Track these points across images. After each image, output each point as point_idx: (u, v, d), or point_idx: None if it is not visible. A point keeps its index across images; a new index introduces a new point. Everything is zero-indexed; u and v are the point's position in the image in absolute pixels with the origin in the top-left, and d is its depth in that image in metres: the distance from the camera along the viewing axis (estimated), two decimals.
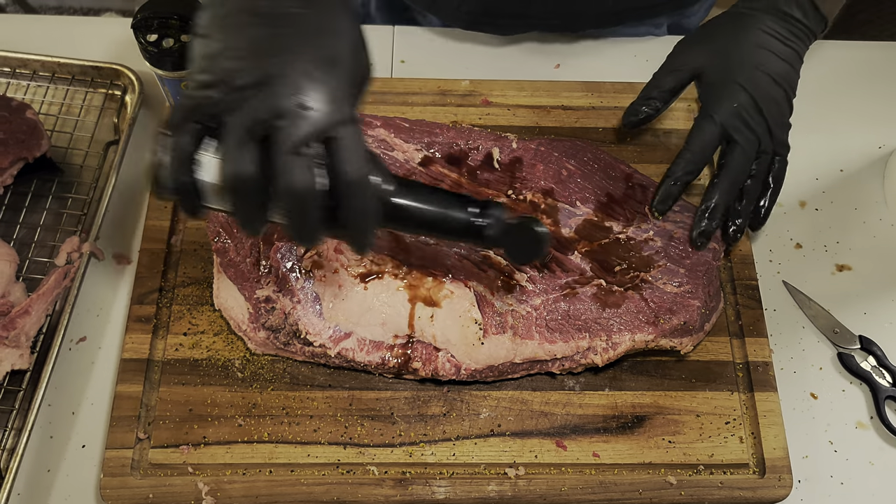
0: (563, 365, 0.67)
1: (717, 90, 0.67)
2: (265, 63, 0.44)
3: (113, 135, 0.81)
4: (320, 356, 0.66)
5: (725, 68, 0.67)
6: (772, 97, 0.66)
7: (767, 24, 0.67)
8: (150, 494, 0.63)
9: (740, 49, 0.67)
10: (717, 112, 0.66)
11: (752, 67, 0.66)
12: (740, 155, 0.66)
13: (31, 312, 0.67)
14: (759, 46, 0.66)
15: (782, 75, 0.66)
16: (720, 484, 0.65)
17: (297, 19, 0.46)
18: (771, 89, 0.66)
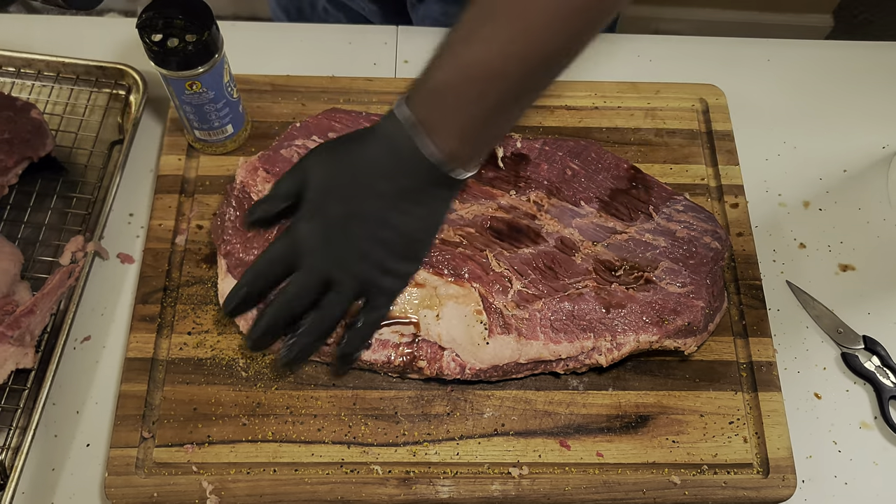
0: (568, 365, 0.67)
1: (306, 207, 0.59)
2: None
3: (117, 134, 0.81)
4: (326, 354, 0.66)
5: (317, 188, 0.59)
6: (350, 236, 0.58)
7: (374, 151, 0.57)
8: (155, 493, 0.63)
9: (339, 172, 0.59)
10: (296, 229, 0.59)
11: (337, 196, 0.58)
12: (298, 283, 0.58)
13: (36, 311, 0.68)
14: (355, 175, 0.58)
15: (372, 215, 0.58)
16: (724, 484, 0.65)
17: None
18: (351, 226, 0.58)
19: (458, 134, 0.54)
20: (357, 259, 0.58)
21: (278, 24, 0.93)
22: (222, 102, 0.73)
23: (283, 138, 0.74)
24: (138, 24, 0.66)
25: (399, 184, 0.56)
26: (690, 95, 0.85)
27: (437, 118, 0.54)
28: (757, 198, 0.81)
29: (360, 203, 0.57)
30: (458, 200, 0.72)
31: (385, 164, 0.56)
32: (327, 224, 0.57)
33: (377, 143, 0.57)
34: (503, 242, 0.70)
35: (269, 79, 0.83)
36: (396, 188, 0.57)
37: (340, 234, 0.57)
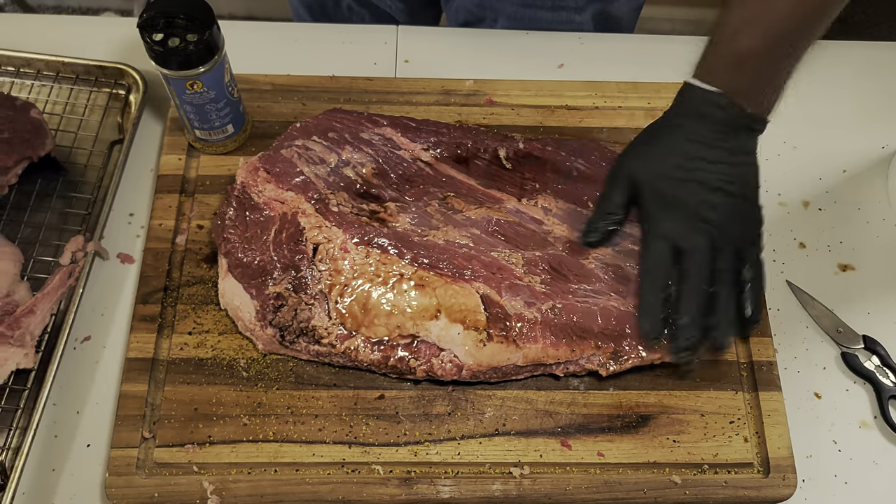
0: (568, 368, 0.67)
1: (652, 207, 0.65)
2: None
3: (117, 134, 0.81)
4: (325, 355, 0.66)
5: (655, 184, 0.65)
6: (710, 204, 0.63)
7: (690, 130, 0.64)
8: (156, 493, 0.63)
9: (665, 161, 0.64)
10: (659, 228, 0.64)
11: (679, 179, 0.64)
12: (691, 263, 0.63)
13: (36, 312, 0.67)
14: (684, 155, 0.64)
15: (718, 179, 0.63)
16: (724, 483, 0.65)
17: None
18: (706, 196, 0.63)
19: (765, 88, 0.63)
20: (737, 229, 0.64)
21: (279, 24, 0.93)
22: (223, 102, 0.73)
23: (283, 138, 0.74)
24: (139, 24, 0.66)
25: (727, 145, 0.63)
26: None
27: (746, 82, 0.63)
28: None
29: (702, 176, 0.63)
30: (464, 202, 0.72)
31: (707, 135, 0.63)
32: (685, 210, 0.63)
33: (689, 122, 0.64)
34: (508, 244, 0.70)
35: (269, 78, 0.83)
36: (726, 151, 0.64)
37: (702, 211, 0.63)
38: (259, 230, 0.69)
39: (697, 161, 0.64)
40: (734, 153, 0.64)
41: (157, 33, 0.66)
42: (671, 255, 0.64)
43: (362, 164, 0.72)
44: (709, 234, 0.63)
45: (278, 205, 0.70)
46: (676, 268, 0.64)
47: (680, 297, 0.63)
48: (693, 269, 0.63)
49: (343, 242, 0.67)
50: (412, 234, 0.68)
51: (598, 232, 0.68)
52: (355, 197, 0.71)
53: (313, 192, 0.70)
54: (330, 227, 0.68)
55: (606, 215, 0.67)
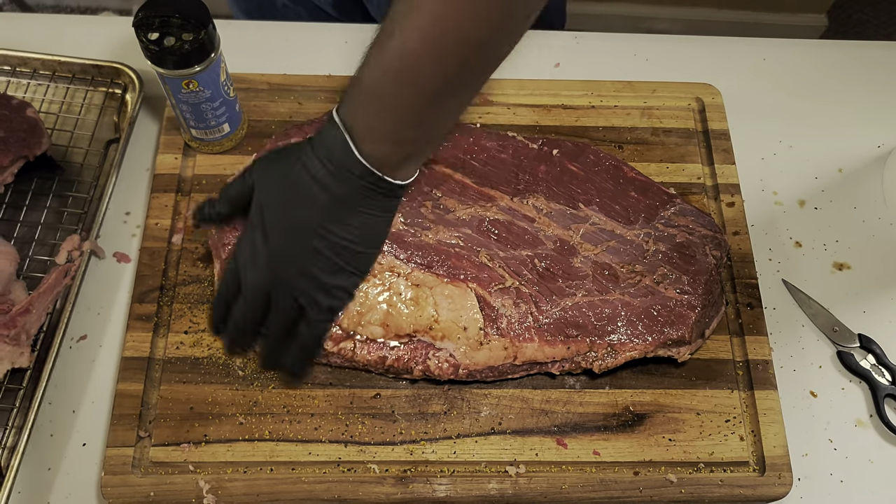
0: (563, 367, 0.67)
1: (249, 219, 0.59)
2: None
3: (113, 133, 0.81)
4: (321, 355, 0.66)
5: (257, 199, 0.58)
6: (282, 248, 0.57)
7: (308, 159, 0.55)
8: (152, 493, 0.63)
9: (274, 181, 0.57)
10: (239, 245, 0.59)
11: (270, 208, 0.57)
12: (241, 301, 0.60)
13: (32, 311, 0.67)
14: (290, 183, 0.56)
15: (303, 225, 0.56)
16: (720, 482, 0.65)
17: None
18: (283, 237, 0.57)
19: (386, 136, 0.52)
20: (293, 275, 0.56)
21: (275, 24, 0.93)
22: (219, 101, 0.73)
23: (278, 136, 0.74)
24: (135, 23, 0.66)
25: (333, 192, 0.54)
26: (687, 94, 0.85)
27: (363, 121, 0.52)
28: (753, 197, 0.82)
29: (296, 215, 0.55)
30: (457, 202, 0.72)
31: (320, 172, 0.54)
32: (264, 239, 0.56)
33: (314, 152, 0.54)
34: (501, 244, 0.70)
35: (265, 78, 0.83)
36: (331, 197, 0.54)
37: (277, 249, 0.56)
38: None
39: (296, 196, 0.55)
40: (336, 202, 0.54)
41: (153, 32, 0.66)
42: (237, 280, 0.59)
43: None
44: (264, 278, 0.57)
45: None
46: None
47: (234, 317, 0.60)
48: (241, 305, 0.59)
49: None
50: (405, 234, 0.68)
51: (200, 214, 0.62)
52: None
53: None
54: None
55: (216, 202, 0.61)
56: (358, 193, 0.54)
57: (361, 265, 0.58)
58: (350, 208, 0.55)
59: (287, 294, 0.57)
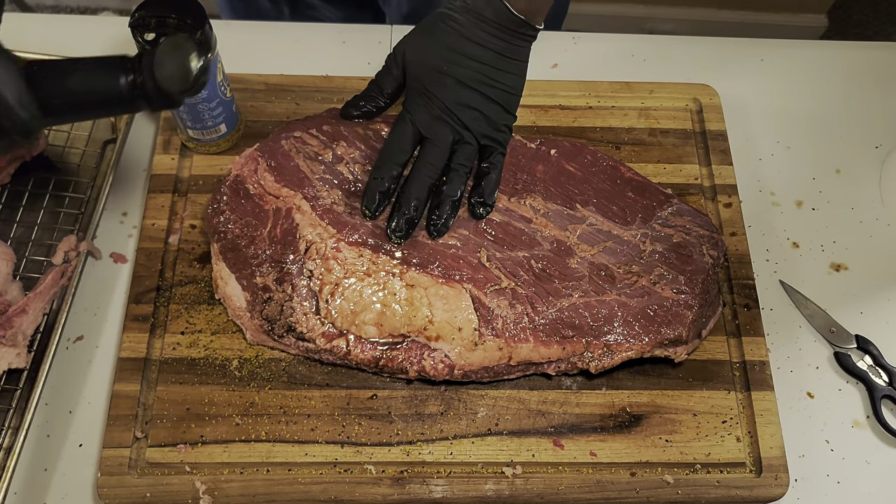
0: (559, 367, 0.67)
1: (410, 93, 0.69)
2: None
3: (110, 133, 0.81)
4: (314, 352, 0.66)
5: (418, 71, 0.68)
6: (461, 100, 0.67)
7: (461, 25, 0.66)
8: (148, 493, 0.63)
9: (432, 52, 0.67)
10: (411, 113, 0.69)
11: (438, 71, 0.67)
12: (429, 151, 0.67)
13: (29, 311, 0.67)
14: (449, 49, 0.67)
15: (475, 79, 0.67)
16: (717, 483, 0.65)
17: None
18: (459, 92, 0.67)
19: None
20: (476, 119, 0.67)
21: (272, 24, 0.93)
22: (216, 102, 0.72)
23: (282, 129, 0.74)
24: (131, 23, 0.66)
25: (494, 47, 0.66)
26: (684, 95, 0.85)
27: None
28: (750, 197, 0.82)
29: (463, 74, 0.66)
30: None
31: (478, 33, 0.65)
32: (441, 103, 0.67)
33: (466, 17, 0.66)
34: (497, 245, 0.70)
35: (262, 78, 0.83)
36: (493, 53, 0.66)
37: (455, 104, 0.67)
38: (254, 220, 0.69)
39: (461, 58, 0.66)
40: (501, 56, 0.67)
41: (149, 33, 0.66)
42: (413, 139, 0.68)
43: (357, 162, 0.72)
44: (451, 130, 0.67)
45: (273, 199, 0.70)
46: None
47: (410, 177, 0.68)
48: (427, 156, 0.67)
49: (335, 241, 0.67)
50: None
51: (356, 108, 0.73)
52: (349, 195, 0.71)
53: (309, 189, 0.70)
54: (324, 225, 0.68)
55: (370, 95, 0.72)
56: (513, 45, 0.67)
57: (514, 105, 0.70)
58: (507, 59, 0.67)
59: (473, 137, 0.68)
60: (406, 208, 0.67)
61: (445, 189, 0.68)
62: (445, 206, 0.68)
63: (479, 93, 0.67)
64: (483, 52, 0.66)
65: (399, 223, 0.67)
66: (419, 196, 0.67)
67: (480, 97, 0.67)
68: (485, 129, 0.68)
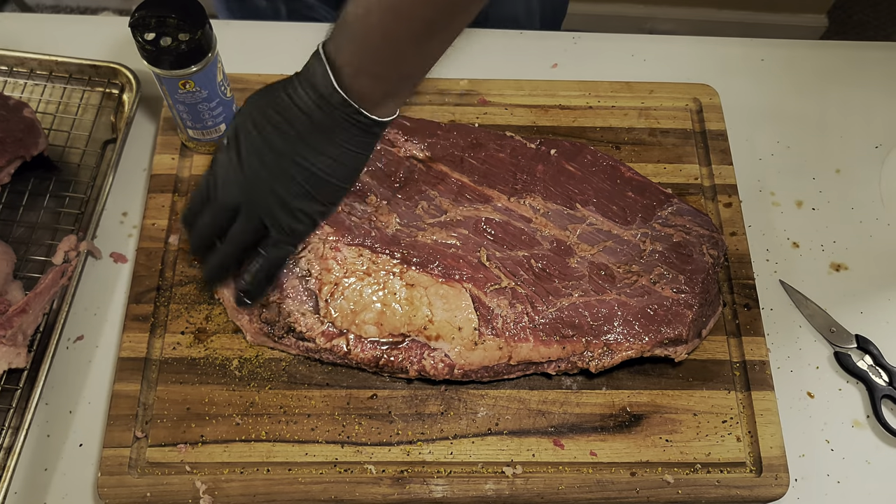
0: (559, 367, 0.67)
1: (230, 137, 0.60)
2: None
3: (110, 133, 0.81)
4: (314, 352, 0.66)
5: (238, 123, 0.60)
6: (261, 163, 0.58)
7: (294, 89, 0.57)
8: (148, 493, 0.63)
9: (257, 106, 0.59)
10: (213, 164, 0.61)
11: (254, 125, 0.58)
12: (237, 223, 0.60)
13: (29, 311, 0.67)
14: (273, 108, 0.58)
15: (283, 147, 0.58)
16: (717, 482, 0.65)
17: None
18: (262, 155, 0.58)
19: (367, 71, 0.54)
20: (262, 194, 0.58)
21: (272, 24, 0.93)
22: (216, 101, 0.72)
23: None
24: (131, 23, 0.66)
25: (313, 120, 0.56)
26: (684, 95, 0.85)
27: (346, 54, 0.54)
28: (750, 197, 0.81)
29: (274, 138, 0.57)
30: (454, 202, 0.72)
31: (302, 100, 0.56)
32: (238, 158, 0.58)
33: (298, 82, 0.57)
34: (497, 244, 0.70)
35: (262, 78, 0.83)
36: (310, 125, 0.56)
37: (250, 168, 0.58)
38: None
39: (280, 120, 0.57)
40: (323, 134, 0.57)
41: (149, 32, 0.66)
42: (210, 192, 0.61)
43: None
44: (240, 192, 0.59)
45: None
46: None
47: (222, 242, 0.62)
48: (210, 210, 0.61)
49: (334, 242, 0.67)
50: (402, 234, 0.68)
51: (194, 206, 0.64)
52: (348, 195, 0.71)
53: None
54: (322, 226, 0.68)
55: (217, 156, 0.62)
56: (336, 125, 0.56)
57: (330, 196, 0.60)
58: (327, 138, 0.57)
59: (253, 211, 0.59)
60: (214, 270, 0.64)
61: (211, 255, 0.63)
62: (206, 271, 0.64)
63: (281, 167, 0.57)
64: (304, 123, 0.56)
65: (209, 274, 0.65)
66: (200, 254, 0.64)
67: (281, 172, 0.57)
68: (271, 206, 0.58)
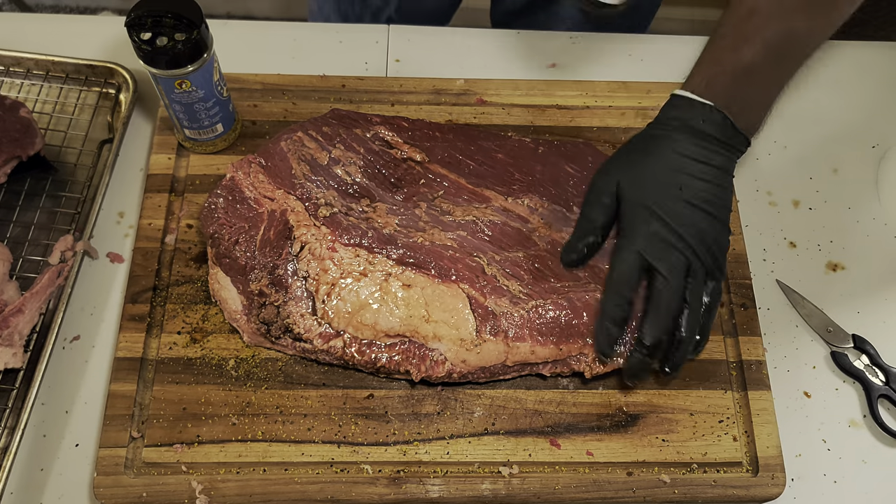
0: (555, 368, 0.67)
1: (632, 219, 0.64)
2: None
3: (107, 133, 0.81)
4: (311, 352, 0.66)
5: (639, 196, 0.64)
6: (691, 222, 0.62)
7: (681, 145, 0.63)
8: (144, 493, 0.63)
9: (653, 175, 0.64)
10: (635, 241, 0.63)
11: (665, 193, 0.63)
12: (663, 284, 0.61)
13: (25, 311, 0.67)
14: (673, 170, 0.63)
15: (702, 198, 0.63)
16: (713, 482, 0.65)
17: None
18: (690, 214, 0.62)
19: (763, 107, 0.65)
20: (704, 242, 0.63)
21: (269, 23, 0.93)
22: (212, 101, 0.72)
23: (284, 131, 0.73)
24: (127, 23, 0.66)
25: (715, 163, 0.63)
26: None
27: (740, 98, 0.63)
28: (747, 197, 0.82)
29: (687, 194, 0.63)
30: (451, 203, 0.72)
31: (696, 151, 0.63)
32: (666, 225, 0.62)
33: (680, 136, 0.64)
34: (494, 245, 0.70)
35: (259, 78, 0.83)
36: (713, 169, 0.63)
37: (684, 229, 0.62)
38: (247, 225, 0.68)
39: (684, 177, 0.63)
40: (722, 173, 0.64)
41: (145, 32, 0.66)
42: (640, 271, 0.62)
43: (354, 163, 0.72)
44: (684, 255, 0.62)
45: (268, 202, 0.69)
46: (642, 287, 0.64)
47: (646, 317, 0.62)
48: (666, 290, 0.61)
49: (331, 242, 0.67)
50: (399, 235, 0.68)
51: (576, 252, 0.67)
52: (345, 196, 0.71)
53: (303, 190, 0.70)
54: (319, 226, 0.68)
55: (586, 236, 0.67)
56: (732, 158, 0.65)
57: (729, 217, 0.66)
58: (726, 172, 0.65)
59: (702, 267, 0.63)
60: (646, 350, 0.62)
61: (684, 332, 0.62)
62: (687, 347, 0.63)
63: (704, 212, 0.62)
64: (708, 169, 0.63)
65: (640, 369, 0.64)
66: (659, 337, 0.62)
67: (709, 221, 0.63)
68: (711, 252, 0.63)
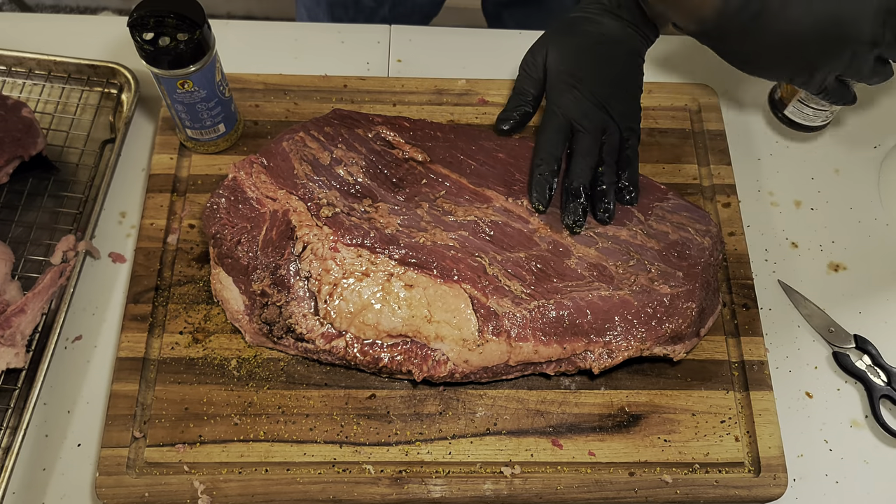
0: (559, 367, 0.67)
1: (557, 87, 0.73)
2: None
3: (109, 133, 0.81)
4: (313, 353, 0.66)
5: (563, 69, 0.73)
6: (608, 90, 0.72)
7: (601, 26, 0.73)
8: (146, 493, 0.63)
9: (575, 50, 0.73)
10: (560, 105, 0.73)
11: (584, 66, 0.73)
12: (583, 136, 0.71)
13: (27, 311, 0.67)
14: (591, 46, 0.73)
15: (615, 72, 0.73)
16: (715, 483, 0.65)
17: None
18: (606, 83, 0.73)
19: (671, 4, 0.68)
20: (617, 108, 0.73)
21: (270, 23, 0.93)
22: (214, 101, 0.72)
23: (286, 131, 0.74)
24: (129, 23, 0.66)
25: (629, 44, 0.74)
26: (683, 95, 0.85)
27: None
28: (749, 197, 0.82)
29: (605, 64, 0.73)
30: (452, 203, 0.72)
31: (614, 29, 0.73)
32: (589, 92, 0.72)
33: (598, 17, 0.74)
34: (495, 245, 0.70)
35: (261, 78, 0.83)
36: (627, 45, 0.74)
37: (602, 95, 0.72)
38: (249, 225, 0.69)
39: (601, 52, 0.73)
40: (629, 54, 0.74)
41: (147, 32, 0.66)
42: (566, 131, 0.72)
43: (356, 163, 0.72)
44: (599, 116, 0.72)
45: (270, 202, 0.69)
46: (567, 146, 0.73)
47: (571, 163, 0.72)
48: (585, 139, 0.71)
49: (333, 242, 0.67)
50: (401, 235, 0.68)
51: (507, 120, 0.76)
52: (347, 196, 0.71)
53: (305, 190, 0.70)
54: (321, 226, 0.68)
55: (517, 105, 0.76)
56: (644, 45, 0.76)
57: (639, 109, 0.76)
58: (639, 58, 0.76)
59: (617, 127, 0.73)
60: (579, 197, 0.70)
61: (604, 178, 0.71)
62: (610, 193, 0.71)
63: (621, 87, 0.74)
64: (623, 49, 0.73)
65: (577, 213, 0.70)
66: (586, 184, 0.71)
67: (622, 91, 0.74)
68: (627, 121, 0.73)
